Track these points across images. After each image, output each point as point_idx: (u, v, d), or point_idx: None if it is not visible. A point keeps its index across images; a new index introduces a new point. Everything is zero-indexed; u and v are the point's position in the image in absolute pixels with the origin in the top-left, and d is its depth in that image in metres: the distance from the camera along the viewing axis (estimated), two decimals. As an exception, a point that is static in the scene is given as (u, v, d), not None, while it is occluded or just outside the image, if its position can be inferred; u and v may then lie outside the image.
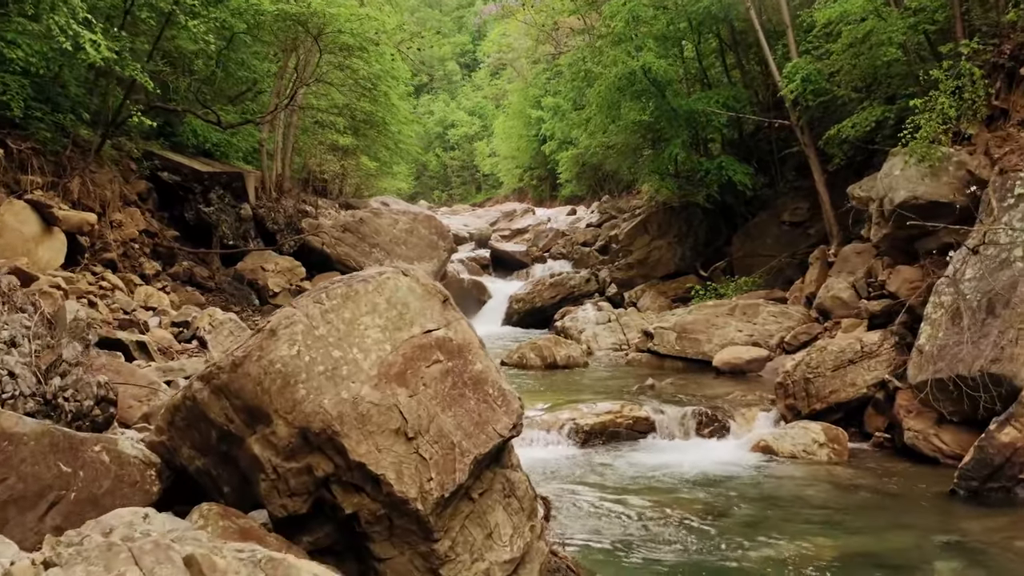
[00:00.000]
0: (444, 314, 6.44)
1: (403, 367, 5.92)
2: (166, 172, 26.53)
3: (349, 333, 5.90)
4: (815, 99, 19.96)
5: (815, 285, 19.53)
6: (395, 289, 6.25)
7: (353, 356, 5.84)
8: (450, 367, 6.17)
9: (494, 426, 6.23)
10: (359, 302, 6.06)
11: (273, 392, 5.65)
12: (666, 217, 28.19)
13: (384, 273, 6.31)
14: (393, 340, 6.01)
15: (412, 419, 5.76)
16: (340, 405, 5.64)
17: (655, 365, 19.02)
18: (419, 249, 29.76)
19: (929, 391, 11.81)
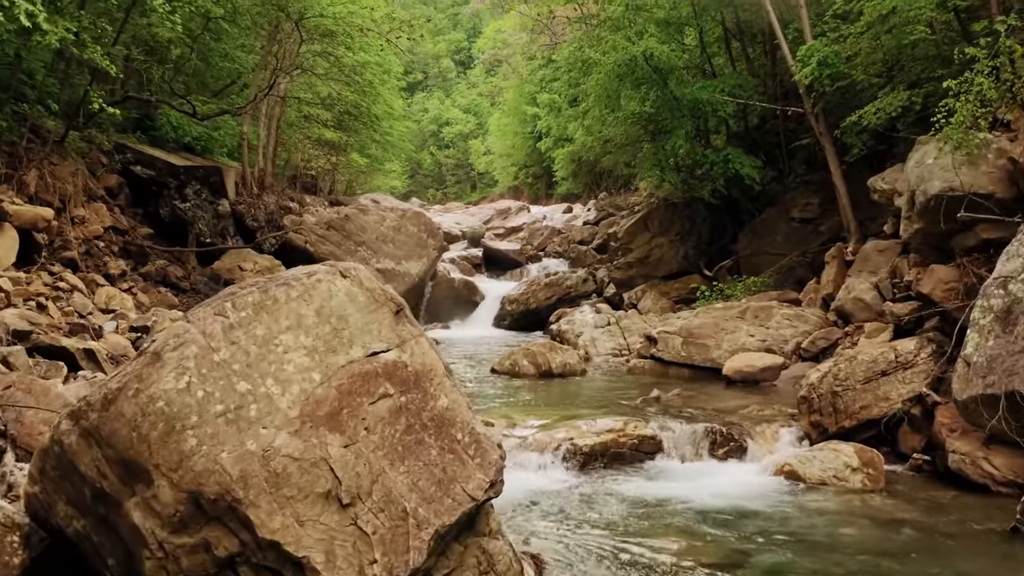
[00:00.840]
0: (397, 330, 4.91)
1: (337, 405, 4.39)
2: (139, 166, 25.05)
3: (262, 358, 4.38)
4: (832, 84, 18.41)
5: (832, 286, 18.01)
6: (329, 296, 4.73)
7: (266, 390, 4.31)
8: (403, 404, 4.64)
9: (464, 485, 4.65)
10: (278, 314, 4.53)
11: (153, 440, 4.10)
12: (668, 214, 26.67)
13: (315, 274, 4.80)
14: (324, 367, 4.49)
15: (348, 478, 4.22)
16: (244, 461, 4.10)
17: (659, 373, 17.49)
18: (407, 247, 28.25)
19: (979, 408, 10.27)
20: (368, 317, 4.83)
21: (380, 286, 5.19)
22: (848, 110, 18.77)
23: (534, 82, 52.69)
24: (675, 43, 24.71)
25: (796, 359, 16.52)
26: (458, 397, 4.98)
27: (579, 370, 17.55)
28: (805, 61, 18.49)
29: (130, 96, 25.04)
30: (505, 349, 22.13)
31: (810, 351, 16.32)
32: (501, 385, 16.48)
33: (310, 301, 4.65)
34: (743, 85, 23.20)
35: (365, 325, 4.78)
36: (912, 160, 14.25)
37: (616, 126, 27.53)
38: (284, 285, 4.72)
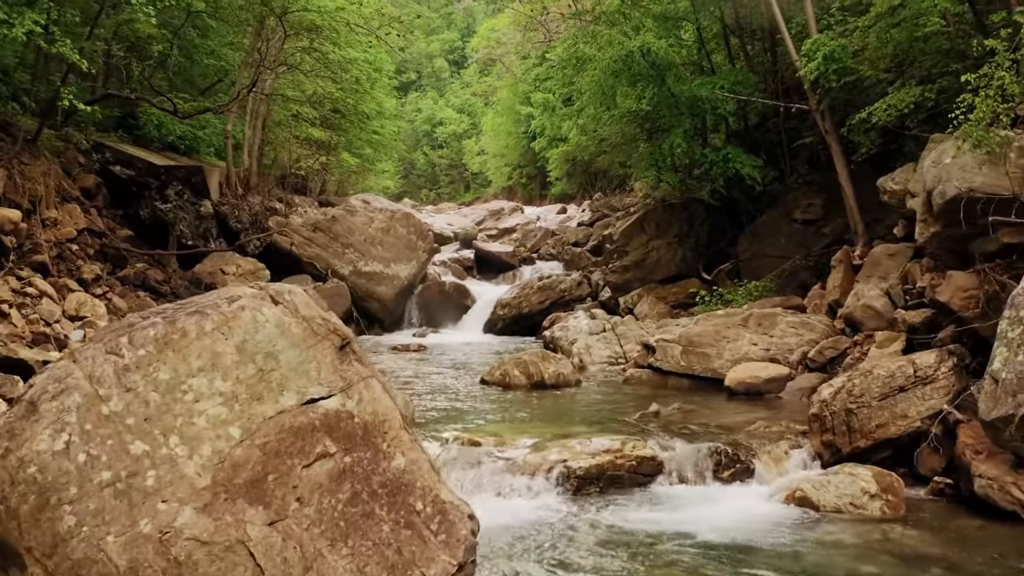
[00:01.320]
0: (341, 370, 4.05)
1: (261, 469, 3.51)
2: (118, 166, 24.24)
3: (166, 409, 3.50)
4: (838, 80, 17.53)
5: (839, 291, 17.14)
6: (254, 328, 3.84)
7: (169, 452, 3.43)
8: (348, 466, 3.75)
9: (424, 570, 3.76)
10: (187, 352, 3.65)
11: (24, 517, 3.20)
12: (665, 215, 25.81)
13: (237, 299, 3.89)
14: (246, 420, 3.61)
15: (273, 567, 3.34)
16: (136, 547, 3.23)
17: (657, 384, 16.61)
18: (396, 250, 27.40)
19: (1008, 429, 9.39)
20: (305, 354, 3.96)
21: (321, 314, 4.32)
22: (855, 107, 17.99)
23: (528, 81, 52.20)
24: (673, 38, 23.86)
25: (802, 369, 15.65)
26: (419, 455, 4.11)
27: (573, 381, 16.67)
28: (810, 56, 17.64)
29: (109, 94, 24.21)
30: (496, 356, 21.34)
31: (817, 361, 15.45)
32: (491, 397, 15.59)
33: (230, 334, 3.77)
34: (743, 82, 22.38)
35: (300, 365, 3.92)
36: (928, 159, 13.38)
37: (612, 125, 26.76)
38: (196, 314, 3.83)
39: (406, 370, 18.95)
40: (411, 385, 16.75)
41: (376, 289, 27.26)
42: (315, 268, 26.87)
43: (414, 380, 17.47)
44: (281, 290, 4.30)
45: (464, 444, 11.20)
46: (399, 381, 17.25)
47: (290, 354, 3.97)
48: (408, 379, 17.56)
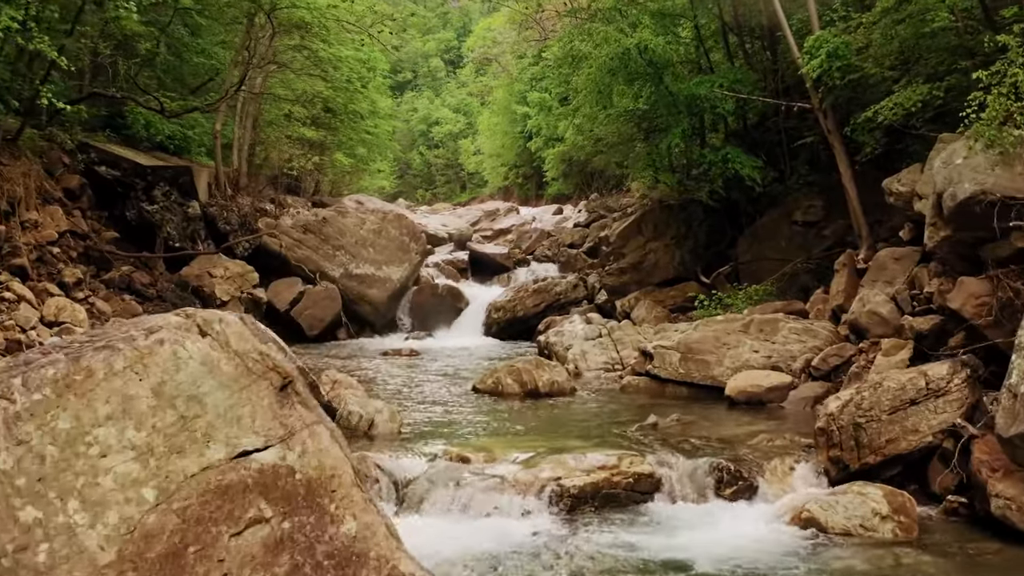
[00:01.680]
0: (282, 415, 3.42)
1: (180, 540, 2.93)
2: (104, 166, 23.72)
3: (65, 466, 2.92)
4: (842, 78, 16.98)
5: (843, 296, 16.60)
6: (175, 366, 3.26)
7: (68, 519, 2.82)
8: (287, 532, 3.12)
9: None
10: (93, 396, 3.05)
11: None
12: (662, 216, 25.25)
13: (156, 331, 3.29)
14: (164, 479, 3.03)
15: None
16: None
17: (655, 392, 16.04)
18: (388, 252, 26.85)
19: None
20: (237, 397, 3.37)
21: (258, 347, 3.71)
22: (858, 106, 17.49)
23: (524, 81, 51.72)
24: (671, 36, 23.31)
25: (805, 378, 15.11)
26: (373, 518, 3.50)
27: (568, 389, 16.10)
28: (813, 53, 17.10)
29: (95, 92, 23.69)
30: (490, 360, 20.82)
31: (821, 369, 14.90)
32: (483, 406, 15.03)
33: (145, 374, 3.19)
34: (743, 80, 21.86)
35: (231, 409, 3.33)
36: (937, 160, 12.84)
37: (608, 124, 26.25)
38: (106, 349, 3.25)
39: (396, 377, 18.40)
40: (401, 393, 16.20)
41: (367, 292, 26.71)
42: (305, 270, 26.32)
43: (404, 388, 16.91)
44: (210, 319, 3.74)
45: (452, 460, 10.66)
46: (389, 389, 16.72)
47: (219, 397, 3.40)
48: (398, 387, 17.00)
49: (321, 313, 25.51)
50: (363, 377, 18.04)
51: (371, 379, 17.91)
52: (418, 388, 16.92)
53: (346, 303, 26.25)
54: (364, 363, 20.71)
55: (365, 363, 20.71)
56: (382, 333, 27.06)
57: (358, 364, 20.50)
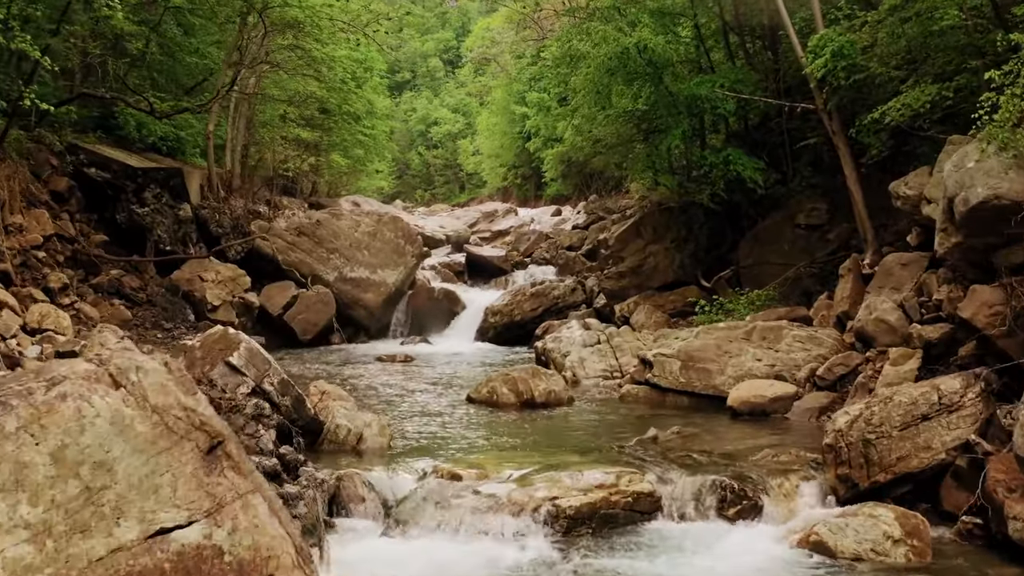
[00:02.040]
0: (208, 484, 2.84)
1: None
2: (93, 168, 23.30)
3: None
4: (847, 78, 16.50)
5: (848, 303, 16.11)
6: (79, 426, 2.80)
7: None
8: None
9: None
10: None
11: None
12: (662, 219, 24.76)
13: (59, 383, 2.75)
14: (63, 563, 2.57)
15: None
16: None
17: (655, 401, 15.57)
18: (383, 255, 26.37)
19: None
20: (154, 462, 2.86)
21: (183, 400, 3.19)
22: (863, 107, 17.03)
23: (523, 81, 51.31)
24: (671, 35, 22.83)
25: (810, 387, 14.63)
26: None
27: (565, 399, 15.61)
28: (817, 52, 16.64)
29: (84, 93, 23.26)
30: (486, 367, 20.41)
31: (826, 379, 14.41)
32: (477, 417, 14.56)
33: (43, 437, 2.68)
34: (744, 80, 21.45)
35: (147, 478, 2.83)
36: (948, 164, 12.34)
37: (607, 125, 25.77)
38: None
39: (390, 384, 17.93)
40: (392, 403, 15.72)
41: (362, 296, 26.23)
42: (298, 274, 25.85)
43: (396, 397, 16.43)
44: (126, 368, 3.24)
45: (443, 477, 10.19)
46: (380, 398, 16.26)
47: (132, 463, 2.90)
48: (390, 396, 16.52)
49: (315, 318, 25.04)
50: (355, 385, 17.61)
51: (363, 387, 17.44)
52: (411, 397, 16.45)
53: (340, 307, 25.78)
54: (357, 369, 20.25)
55: (358, 369, 20.24)
56: (377, 337, 26.60)
57: (351, 370, 20.05)
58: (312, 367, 20.56)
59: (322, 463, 10.85)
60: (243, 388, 10.83)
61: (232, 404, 9.87)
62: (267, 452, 9.62)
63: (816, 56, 16.64)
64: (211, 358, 11.14)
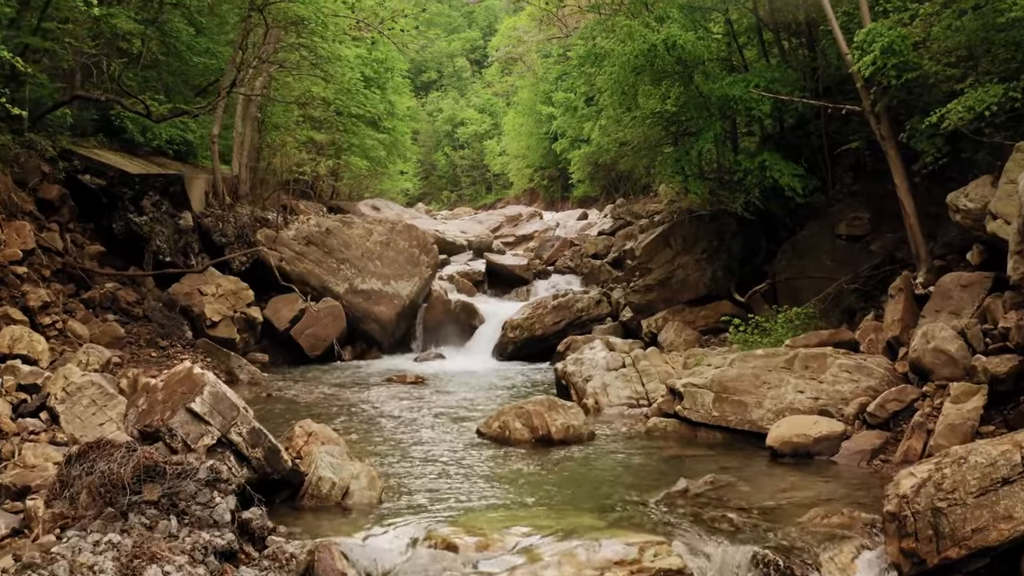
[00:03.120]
0: None
1: None
2: (88, 174, 21.96)
3: None
4: (898, 77, 14.88)
5: (899, 327, 14.51)
6: None
7: None
8: None
9: None
10: None
11: None
12: (692, 228, 23.20)
13: None
14: None
15: None
16: None
17: (685, 437, 14.02)
18: (397, 265, 24.98)
19: None
20: None
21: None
22: (915, 108, 15.43)
23: (549, 80, 49.98)
24: (701, 30, 21.25)
25: (860, 425, 13.01)
26: None
27: (585, 434, 14.05)
28: (864, 48, 15.03)
29: (78, 95, 22.01)
30: (502, 389, 19.14)
31: (878, 416, 12.79)
32: (485, 458, 13.02)
33: None
34: (781, 79, 19.82)
35: None
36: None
37: (633, 127, 24.31)
38: None
39: (393, 414, 16.46)
40: (393, 439, 14.22)
41: (374, 309, 24.80)
42: (307, 286, 24.45)
43: (397, 431, 14.91)
44: None
45: (436, 547, 8.69)
46: (381, 431, 14.80)
47: None
48: (391, 429, 15.01)
49: (323, 332, 23.64)
50: (355, 413, 16.29)
51: (363, 417, 16.01)
52: (414, 430, 14.94)
53: (351, 321, 24.38)
54: (361, 393, 18.81)
55: (362, 393, 18.81)
56: (391, 352, 25.22)
57: (354, 394, 18.64)
58: (314, 389, 19.20)
59: (300, 525, 9.40)
60: (206, 439, 9.37)
61: (180, 469, 8.38)
62: (222, 524, 8.13)
63: (863, 52, 15.03)
64: (172, 402, 9.70)
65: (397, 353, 25.27)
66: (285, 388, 19.43)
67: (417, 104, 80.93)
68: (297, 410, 16.92)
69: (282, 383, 20.12)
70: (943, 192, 15.36)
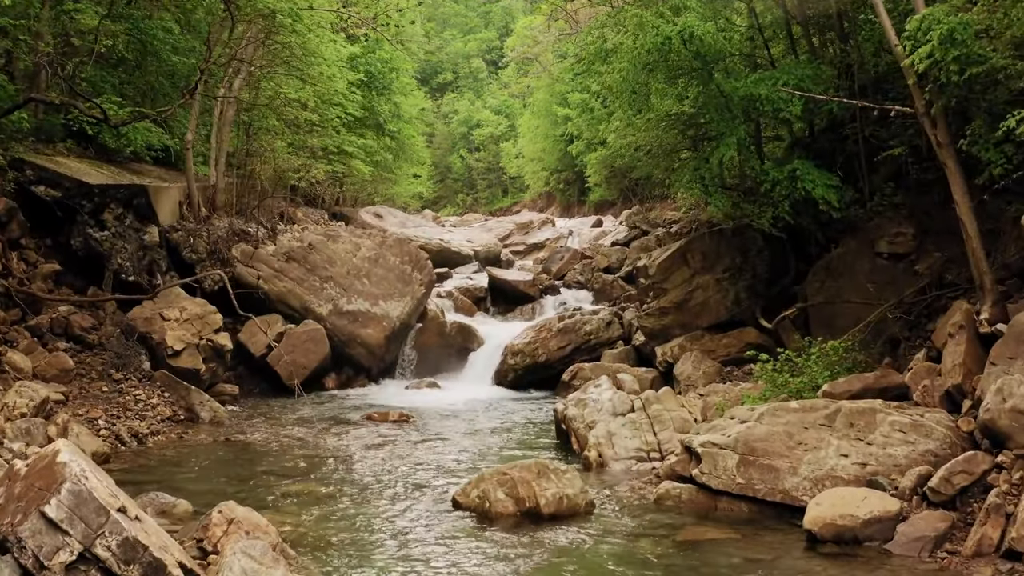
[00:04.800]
0: None
1: None
2: (43, 185, 19.65)
3: None
4: (960, 72, 12.37)
5: (960, 373, 12.03)
6: None
7: None
8: None
9: None
10: None
11: None
12: (712, 244, 20.80)
13: None
14: None
15: None
16: None
17: (702, 509, 11.58)
18: (387, 283, 22.69)
19: None
20: None
21: None
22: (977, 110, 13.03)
23: (565, 81, 48.07)
24: (722, 21, 18.87)
25: (919, 503, 10.50)
26: None
27: (582, 506, 11.57)
28: (919, 38, 12.53)
29: (32, 98, 19.80)
30: (498, 430, 17.03)
31: (942, 493, 10.27)
32: (457, 540, 10.58)
33: None
34: (814, 76, 17.42)
35: None
36: None
37: (647, 130, 21.91)
38: None
39: (363, 469, 14.09)
40: (352, 512, 11.79)
41: (361, 332, 22.43)
42: (287, 306, 22.14)
43: (362, 496, 12.48)
44: None
45: None
46: (340, 500, 12.39)
47: None
48: (355, 496, 12.54)
49: (303, 359, 21.31)
50: (318, 466, 14.02)
51: (324, 476, 13.62)
52: (379, 495, 12.52)
53: (336, 345, 22.05)
54: (334, 437, 16.47)
55: (335, 437, 16.47)
56: (379, 380, 22.96)
57: (326, 438, 16.37)
58: (281, 431, 16.98)
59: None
60: (63, 555, 7.06)
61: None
62: None
63: (917, 43, 12.55)
64: (28, 500, 7.38)
65: (386, 379, 23.01)
66: (249, 429, 17.14)
67: (432, 106, 79.28)
68: (252, 461, 14.69)
69: (248, 422, 17.85)
70: (997, 205, 13.62)
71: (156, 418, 17.07)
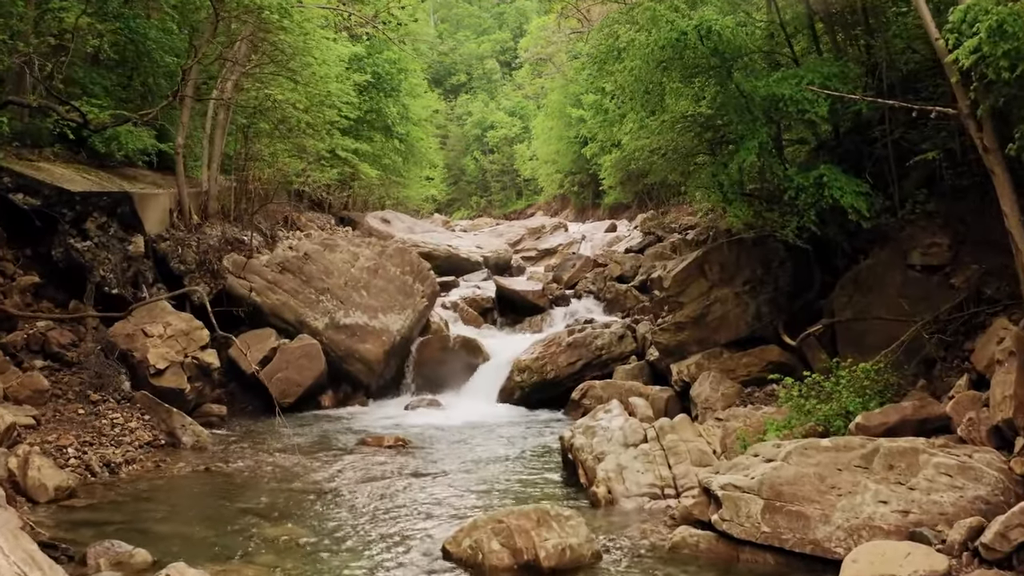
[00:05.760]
0: None
1: None
2: (21, 193, 18.56)
3: None
4: (1011, 68, 11.05)
5: (1011, 405, 10.72)
6: None
7: None
8: None
9: None
10: None
11: None
12: (731, 254, 19.52)
13: None
14: None
15: None
16: None
17: (723, 561, 10.29)
18: (387, 295, 21.53)
19: None
20: None
21: None
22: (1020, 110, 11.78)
23: (579, 82, 47.12)
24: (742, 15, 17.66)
25: (969, 560, 9.13)
26: None
27: (587, 558, 10.26)
28: (963, 31, 11.23)
29: (10, 100, 18.79)
30: (500, 458, 15.86)
31: (997, 550, 8.90)
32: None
33: None
34: (841, 75, 16.16)
35: None
36: None
37: (662, 133, 20.69)
38: None
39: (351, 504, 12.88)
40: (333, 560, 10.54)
41: (359, 347, 21.25)
42: (281, 320, 20.98)
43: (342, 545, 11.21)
44: None
45: None
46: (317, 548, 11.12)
47: None
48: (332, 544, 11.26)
49: (298, 377, 20.18)
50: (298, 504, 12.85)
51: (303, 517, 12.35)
52: (362, 545, 11.22)
53: (332, 361, 20.91)
54: (323, 467, 15.25)
55: (324, 466, 15.25)
56: (379, 397, 21.80)
57: (313, 468, 15.14)
58: (267, 459, 15.81)
59: None
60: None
61: None
62: None
63: (961, 37, 11.25)
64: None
65: (386, 397, 21.83)
66: (233, 457, 15.94)
67: (446, 107, 78.47)
68: (231, 495, 13.51)
69: (233, 448, 16.67)
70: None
71: (133, 444, 15.86)
